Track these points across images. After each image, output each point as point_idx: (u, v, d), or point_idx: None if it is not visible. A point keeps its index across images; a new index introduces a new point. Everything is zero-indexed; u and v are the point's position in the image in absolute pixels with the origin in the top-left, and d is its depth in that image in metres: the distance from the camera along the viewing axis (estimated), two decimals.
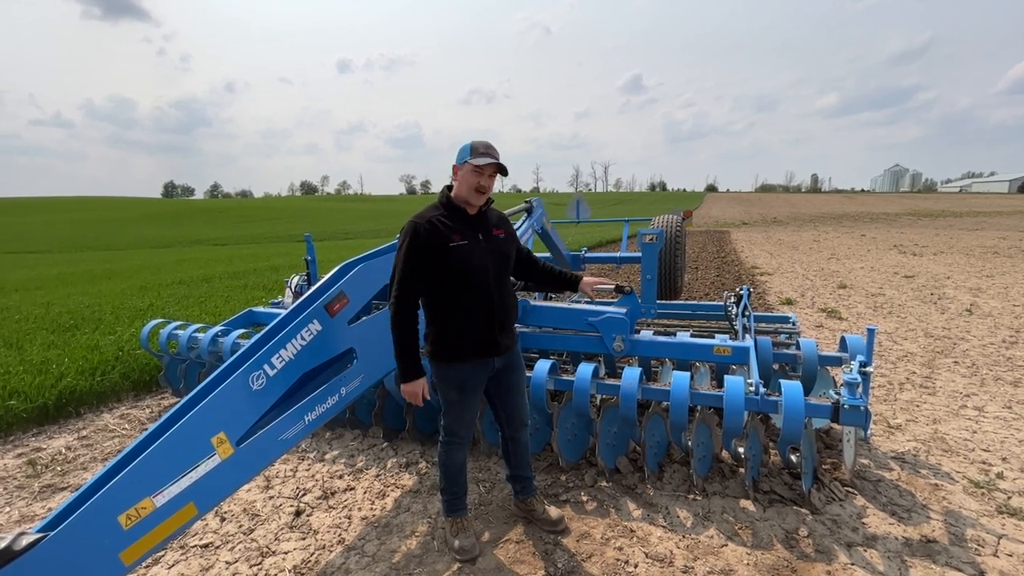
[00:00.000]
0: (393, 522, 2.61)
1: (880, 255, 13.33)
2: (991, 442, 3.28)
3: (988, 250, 13.70)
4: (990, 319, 6.43)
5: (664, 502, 2.68)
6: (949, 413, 3.72)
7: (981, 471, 2.94)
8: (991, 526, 2.44)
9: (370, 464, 3.22)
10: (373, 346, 2.62)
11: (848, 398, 2.42)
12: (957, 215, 31.83)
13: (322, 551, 2.41)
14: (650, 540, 2.40)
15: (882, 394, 4.11)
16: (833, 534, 2.40)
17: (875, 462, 3.06)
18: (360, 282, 2.62)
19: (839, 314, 6.95)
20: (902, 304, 7.48)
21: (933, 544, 2.31)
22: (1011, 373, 4.50)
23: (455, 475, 2.39)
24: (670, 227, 5.94)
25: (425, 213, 2.19)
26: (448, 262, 2.12)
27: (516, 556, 2.32)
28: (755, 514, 2.56)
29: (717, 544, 2.35)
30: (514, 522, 2.57)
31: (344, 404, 2.45)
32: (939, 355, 5.06)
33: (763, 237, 20.19)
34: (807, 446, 2.69)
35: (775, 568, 2.20)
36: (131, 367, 4.70)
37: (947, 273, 10.12)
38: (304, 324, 2.31)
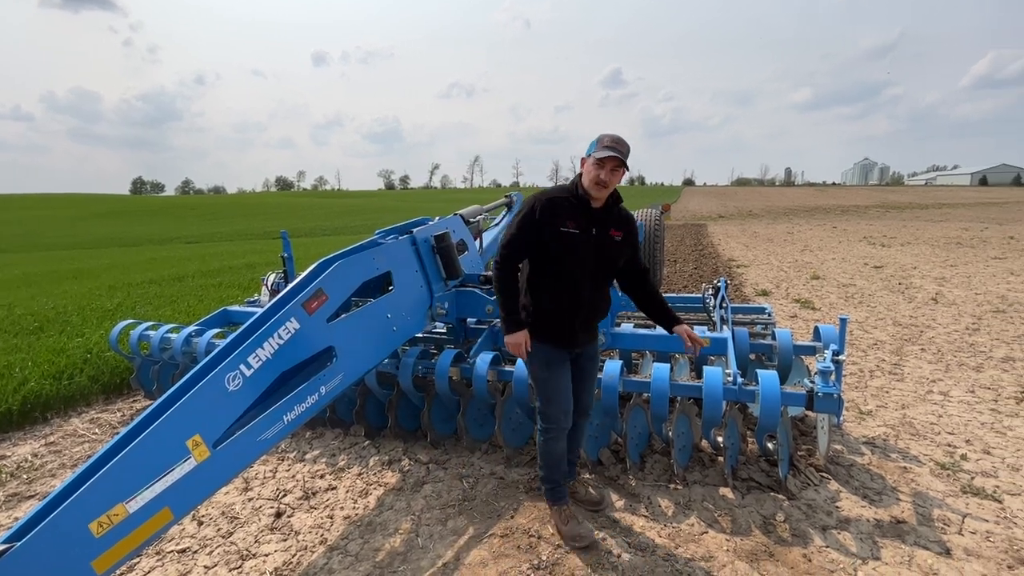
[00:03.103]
0: (376, 520, 2.59)
1: (851, 246, 13.70)
2: (956, 425, 3.41)
3: (952, 241, 14.20)
4: (954, 307, 6.68)
5: (646, 492, 2.71)
6: (916, 398, 3.86)
7: (947, 454, 3.05)
8: (956, 506, 2.54)
9: (352, 463, 3.18)
10: (353, 344, 2.58)
11: (821, 386, 2.49)
12: (923, 207, 32.89)
13: (304, 552, 2.37)
14: (633, 530, 2.43)
15: (854, 381, 4.23)
16: (808, 518, 2.47)
17: (848, 447, 3.15)
18: (339, 279, 2.58)
19: (813, 304, 7.12)
20: (872, 294, 7.70)
21: (902, 525, 2.40)
22: (974, 359, 4.68)
23: (557, 463, 2.44)
24: (649, 221, 6.00)
25: (551, 191, 2.27)
26: (552, 244, 2.19)
27: (501, 550, 2.33)
28: (734, 501, 2.62)
29: (698, 532, 2.40)
30: (498, 517, 2.57)
31: (324, 403, 2.41)
32: (907, 343, 5.24)
33: (739, 230, 20.53)
34: (783, 434, 2.76)
35: (753, 553, 2.25)
36: (100, 370, 4.55)
37: (914, 263, 10.46)
38: (281, 323, 2.26)
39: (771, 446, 2.95)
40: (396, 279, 2.98)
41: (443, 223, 3.61)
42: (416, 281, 3.15)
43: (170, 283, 9.99)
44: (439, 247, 3.32)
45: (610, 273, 2.38)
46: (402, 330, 2.96)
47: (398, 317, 2.93)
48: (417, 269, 3.19)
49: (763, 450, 2.96)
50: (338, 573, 2.23)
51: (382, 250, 2.94)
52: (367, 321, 2.73)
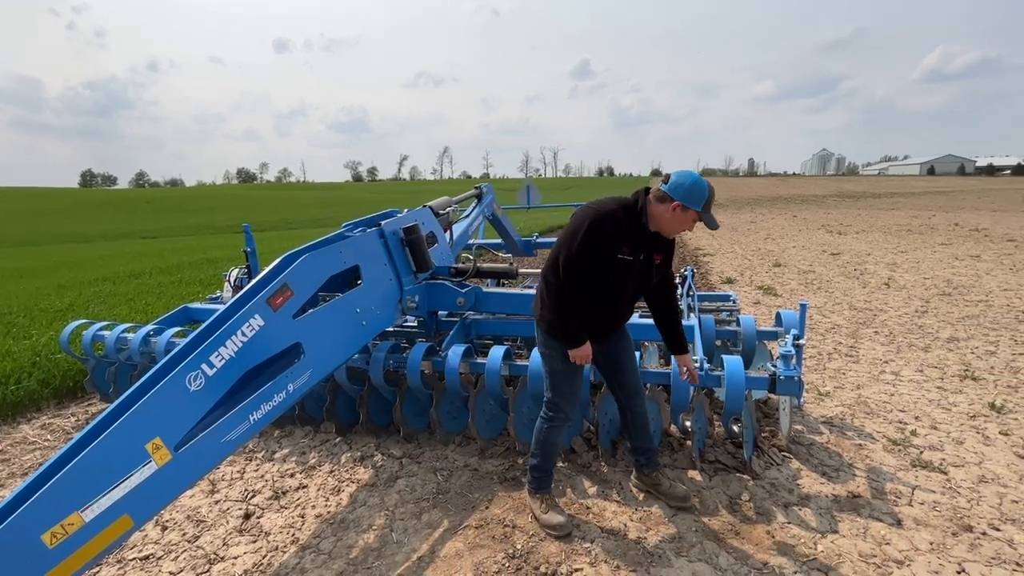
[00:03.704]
0: (349, 517, 2.56)
1: (810, 235, 14.21)
2: (906, 403, 3.60)
3: (903, 228, 14.90)
4: (904, 291, 7.02)
5: (617, 478, 2.77)
6: (871, 379, 4.05)
7: (898, 430, 3.22)
8: (907, 479, 2.69)
9: (323, 460, 3.13)
10: (321, 340, 2.53)
11: (783, 370, 2.58)
12: (876, 196, 34.37)
13: (275, 553, 2.33)
14: (605, 515, 2.48)
15: (813, 364, 4.41)
16: (772, 496, 2.57)
17: (808, 427, 3.29)
18: (305, 273, 2.51)
19: (775, 291, 7.37)
20: (829, 280, 8.02)
21: (858, 499, 2.53)
22: (922, 340, 4.94)
23: (552, 453, 2.46)
24: None
25: (613, 209, 2.13)
26: (604, 269, 2.14)
27: (476, 541, 2.34)
28: (702, 483, 2.70)
29: (668, 514, 2.47)
30: (472, 508, 2.58)
31: (292, 401, 2.36)
32: (862, 326, 5.48)
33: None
34: (748, 417, 2.85)
35: (720, 533, 2.33)
36: (51, 373, 4.33)
37: (868, 250, 10.94)
38: (245, 319, 2.19)
39: (737, 429, 3.05)
40: (364, 273, 2.93)
41: (412, 215, 3.56)
42: (385, 274, 3.11)
43: (126, 280, 9.56)
44: (408, 239, 3.27)
45: (646, 290, 2.42)
46: (372, 324, 2.92)
47: (367, 311, 2.88)
48: (386, 262, 3.14)
49: (729, 433, 3.06)
50: (311, 572, 2.20)
51: (349, 243, 2.88)
52: (335, 316, 2.67)
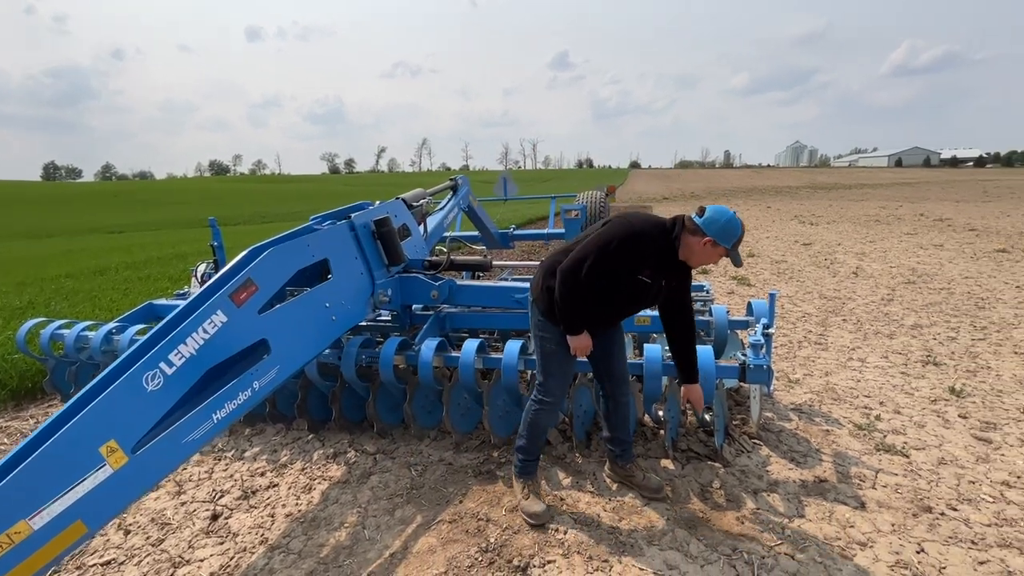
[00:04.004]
0: (321, 515, 2.52)
1: (783, 225, 14.49)
2: (871, 389, 3.70)
3: (871, 218, 15.31)
4: (872, 280, 7.22)
5: (591, 469, 2.78)
6: (838, 366, 4.16)
7: (863, 415, 3.31)
8: (871, 462, 2.77)
9: (295, 458, 3.07)
10: (288, 336, 2.47)
11: (752, 359, 2.62)
12: (847, 187, 35.22)
13: (243, 554, 2.28)
14: (579, 506, 2.49)
15: (784, 352, 4.50)
16: (742, 483, 2.61)
17: (777, 414, 3.36)
18: (270, 268, 2.44)
19: (748, 281, 7.49)
20: (801, 269, 8.20)
21: (824, 483, 2.59)
22: (887, 327, 5.09)
23: (538, 436, 2.48)
24: (594, 202, 6.07)
25: (649, 232, 2.17)
26: (620, 283, 2.20)
27: (449, 536, 2.32)
28: (674, 471, 2.73)
29: (640, 504, 2.49)
30: (446, 503, 2.57)
31: (258, 399, 2.30)
32: (831, 314, 5.62)
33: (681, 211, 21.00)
34: (719, 405, 2.89)
35: (691, 520, 2.36)
36: (8, 374, 4.15)
37: (838, 240, 11.21)
38: (206, 316, 2.12)
39: (708, 417, 3.09)
40: (334, 266, 2.86)
41: (384, 207, 3.49)
42: (356, 268, 3.04)
43: (90, 277, 9.22)
44: (380, 232, 3.21)
45: (650, 306, 2.46)
46: (342, 319, 2.86)
47: (337, 306, 2.83)
48: (356, 256, 3.08)
49: (701, 422, 3.10)
50: (280, 573, 2.16)
51: (317, 237, 2.81)
52: (303, 311, 2.61)
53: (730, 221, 2.08)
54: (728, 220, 2.08)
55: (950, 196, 24.34)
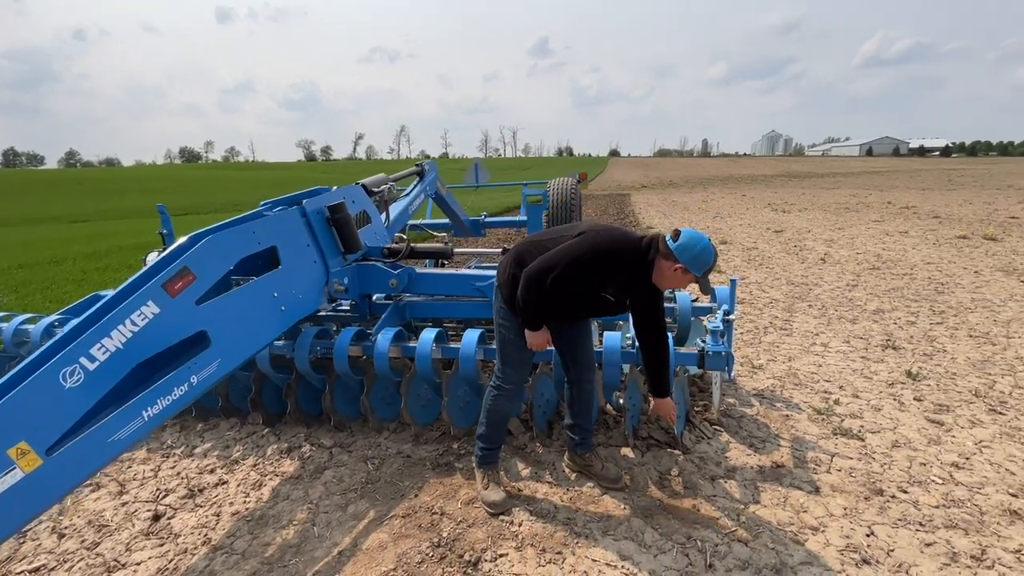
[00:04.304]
0: (269, 513, 2.43)
1: (756, 213, 14.67)
2: (832, 373, 3.74)
3: (841, 206, 15.60)
4: (839, 266, 7.34)
5: (551, 459, 2.74)
6: (802, 351, 4.20)
7: (823, 400, 3.34)
8: (827, 447, 2.79)
9: (248, 453, 2.96)
10: (231, 327, 2.34)
11: (711, 345, 2.60)
12: (820, 176, 35.88)
13: (183, 556, 2.18)
14: (536, 497, 2.45)
15: (749, 338, 4.53)
16: (700, 470, 2.60)
17: (740, 400, 3.37)
18: (209, 256, 2.31)
19: (719, 267, 7.54)
20: (771, 256, 8.29)
21: (781, 468, 2.60)
22: (851, 312, 5.17)
23: (499, 424, 2.44)
24: (564, 189, 6.00)
25: (624, 253, 2.13)
26: (585, 297, 2.19)
27: (402, 531, 2.26)
28: (634, 460, 2.71)
29: (598, 493, 2.46)
30: (401, 497, 2.50)
31: (197, 393, 2.18)
32: (797, 300, 5.68)
33: (659, 199, 21.35)
34: (679, 392, 2.87)
35: (648, 509, 2.34)
36: None
37: (808, 227, 11.38)
38: (135, 307, 1.98)
39: (621, 402, 3.04)
40: (283, 254, 2.73)
41: (340, 192, 3.35)
42: (308, 256, 2.92)
43: (44, 267, 8.82)
44: (334, 218, 3.08)
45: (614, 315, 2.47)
46: (292, 309, 2.74)
47: (287, 295, 2.71)
48: (309, 243, 2.95)
49: (616, 407, 3.05)
50: (220, 574, 2.07)
51: (265, 223, 2.67)
52: (248, 301, 2.48)
53: (704, 250, 2.04)
54: (702, 249, 2.04)
55: (917, 185, 24.98)
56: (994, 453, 2.69)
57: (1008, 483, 2.44)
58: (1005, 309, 5.13)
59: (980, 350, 4.10)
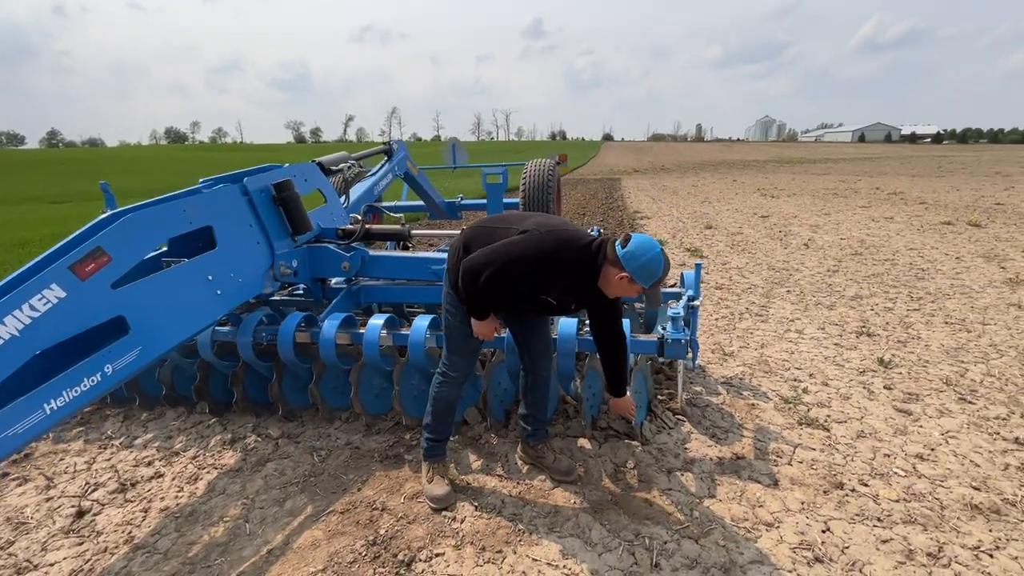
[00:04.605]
0: (201, 509, 2.30)
1: (745, 198, 14.54)
2: (804, 361, 3.65)
3: (830, 192, 15.51)
4: (821, 251, 7.25)
5: (505, 450, 2.63)
6: (775, 337, 4.10)
7: (792, 388, 3.25)
8: (790, 437, 2.69)
9: (190, 444, 2.83)
10: (155, 313, 2.19)
11: (671, 333, 2.48)
12: (812, 161, 35.77)
13: (101, 556, 2.04)
14: (483, 491, 2.33)
15: (724, 324, 4.43)
16: (658, 462, 2.50)
17: (707, 388, 3.26)
18: (127, 235, 2.14)
19: (701, 252, 7.43)
20: (755, 241, 8.18)
21: (741, 460, 2.50)
22: (829, 298, 5.08)
23: (443, 413, 2.32)
24: (541, 171, 5.82)
25: (568, 259, 1.96)
26: (524, 297, 2.07)
27: (338, 528, 2.14)
28: (591, 451, 2.60)
29: (549, 487, 2.35)
30: (343, 491, 2.38)
31: (113, 384, 2.03)
32: (776, 285, 5.58)
33: (650, 184, 21.16)
34: (640, 381, 2.76)
35: (599, 504, 2.23)
36: None
37: (795, 212, 11.28)
38: (35, 291, 1.82)
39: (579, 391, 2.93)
40: (220, 235, 2.57)
41: (290, 170, 3.17)
42: (249, 237, 2.75)
43: (8, 249, 8.53)
44: (281, 197, 2.91)
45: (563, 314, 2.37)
46: (230, 294, 2.58)
47: (224, 278, 2.55)
48: (251, 223, 2.78)
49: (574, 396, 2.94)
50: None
51: (198, 201, 2.50)
52: (177, 285, 2.32)
53: (652, 260, 1.86)
54: (650, 259, 1.86)
55: (907, 171, 24.94)
56: (960, 444, 2.61)
57: (972, 476, 2.36)
58: (983, 295, 5.06)
59: (955, 337, 4.03)
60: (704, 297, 5.23)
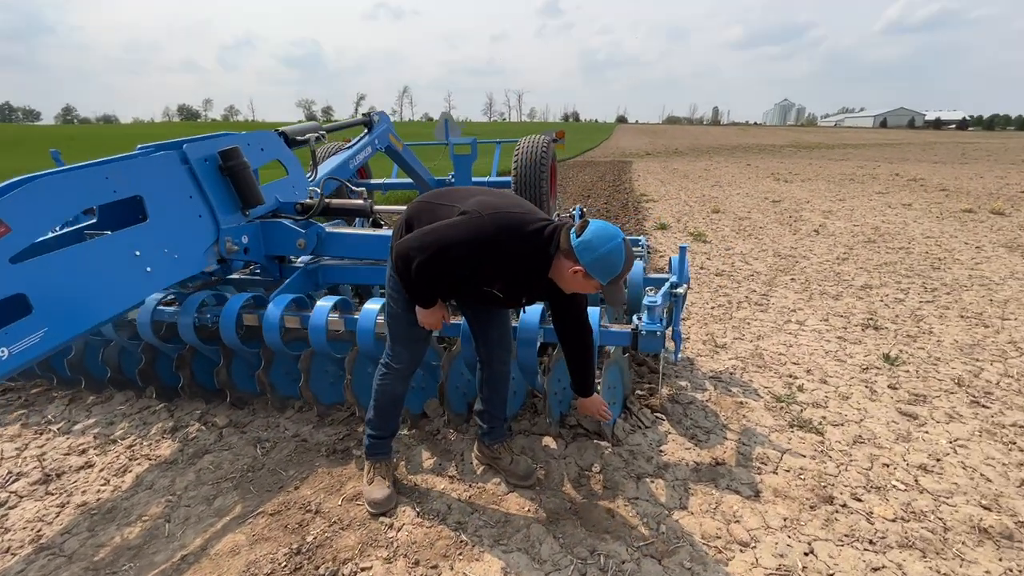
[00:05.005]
0: (122, 506, 2.11)
1: (757, 182, 14.04)
2: (802, 355, 3.36)
3: (846, 177, 14.93)
4: (832, 238, 6.87)
5: (461, 448, 2.40)
6: (774, 328, 3.81)
7: (786, 385, 2.97)
8: (778, 442, 2.43)
9: (130, 432, 2.64)
10: (66, 291, 1.96)
11: (646, 324, 2.21)
12: (830, 147, 34.70)
13: (1, 557, 1.86)
14: (430, 495, 2.11)
15: (720, 313, 4.14)
16: (628, 466, 2.26)
17: (693, 383, 3.00)
18: (32, 204, 1.90)
19: (705, 237, 7.10)
20: (763, 226, 7.81)
21: (720, 467, 2.24)
22: (836, 287, 4.75)
23: (386, 408, 2.09)
24: (535, 148, 5.49)
25: (514, 244, 1.66)
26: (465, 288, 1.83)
27: (264, 532, 1.93)
28: (555, 452, 2.36)
29: (503, 491, 2.12)
30: (279, 489, 2.17)
31: (12, 369, 1.81)
32: (780, 273, 5.26)
33: (661, 167, 20.61)
34: (615, 374, 2.51)
35: (556, 513, 2.00)
36: None
37: (808, 198, 10.82)
38: None
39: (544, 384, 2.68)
40: (151, 206, 2.33)
41: (241, 137, 2.91)
42: (189, 209, 2.51)
43: None
44: (227, 167, 2.66)
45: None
46: (163, 271, 2.35)
47: (155, 254, 2.31)
48: (192, 194, 2.54)
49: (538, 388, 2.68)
50: None
51: (124, 167, 2.25)
52: (94, 260, 2.09)
53: (610, 254, 1.58)
54: (609, 251, 1.58)
55: (929, 157, 24.03)
56: (970, 454, 2.33)
57: (981, 492, 2.09)
58: (1004, 288, 4.70)
59: (970, 332, 3.70)
60: (701, 284, 4.94)
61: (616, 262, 1.59)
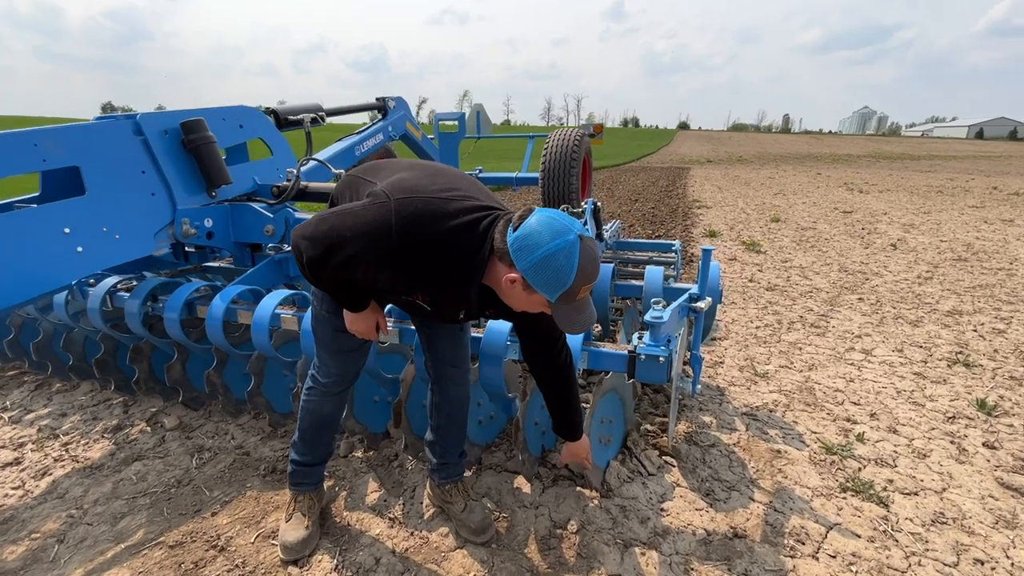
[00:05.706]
0: (21, 516, 1.84)
1: (827, 192, 12.82)
2: (865, 392, 2.70)
3: (933, 189, 13.36)
4: (913, 254, 5.93)
5: (415, 481, 1.98)
6: (831, 357, 3.14)
7: (841, 431, 2.35)
8: (825, 511, 1.84)
9: (77, 427, 2.42)
10: None
11: (646, 346, 1.70)
12: (914, 158, 31.74)
13: None
14: (360, 541, 1.70)
15: (766, 334, 3.50)
16: (615, 527, 1.75)
17: (720, 420, 2.44)
18: None
19: (759, 247, 6.34)
20: (829, 238, 6.93)
21: (739, 540, 1.70)
22: (915, 311, 3.96)
23: (317, 430, 1.71)
24: (565, 141, 5.02)
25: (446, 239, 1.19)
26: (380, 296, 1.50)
27: (154, 570, 1.59)
28: (527, 497, 1.90)
29: (449, 547, 1.68)
30: (195, 513, 1.84)
31: None
32: (846, 291, 4.50)
33: (721, 174, 19.44)
34: (614, 406, 2.01)
35: None
36: None
37: (885, 209, 9.66)
38: None
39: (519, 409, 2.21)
40: (91, 179, 2.09)
41: (212, 111, 2.65)
42: (140, 185, 2.26)
43: None
44: (189, 140, 2.40)
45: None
46: (98, 252, 2.10)
47: (88, 233, 2.06)
48: (146, 169, 2.29)
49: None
50: None
51: (57, 134, 2.01)
52: (13, 234, 1.86)
53: (556, 255, 1.10)
54: (552, 253, 1.10)
55: None
56: None
57: None
58: None
59: None
60: (747, 299, 4.28)
61: (564, 269, 1.10)
